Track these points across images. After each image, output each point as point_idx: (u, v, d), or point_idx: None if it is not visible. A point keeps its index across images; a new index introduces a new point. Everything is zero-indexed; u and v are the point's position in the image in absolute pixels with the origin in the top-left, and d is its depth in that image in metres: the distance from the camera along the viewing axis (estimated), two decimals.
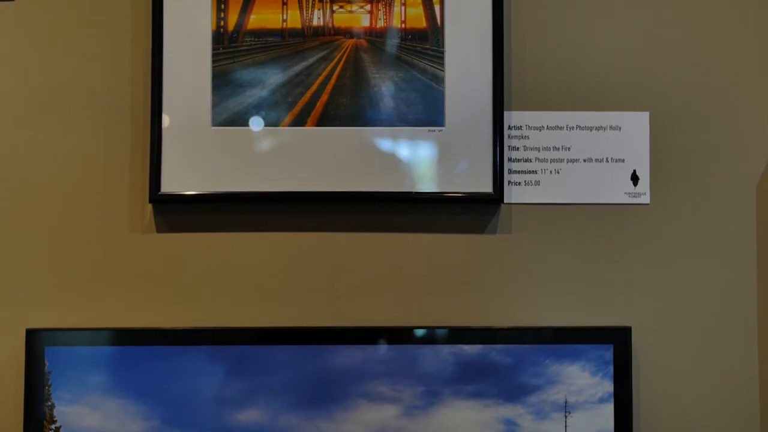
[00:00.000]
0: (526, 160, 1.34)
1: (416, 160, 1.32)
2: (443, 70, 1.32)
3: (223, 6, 1.31)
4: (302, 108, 1.31)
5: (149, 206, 1.31)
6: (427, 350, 1.27)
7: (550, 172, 1.33)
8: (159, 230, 1.32)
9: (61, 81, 1.32)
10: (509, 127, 1.33)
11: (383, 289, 1.32)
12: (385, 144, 1.31)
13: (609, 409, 1.27)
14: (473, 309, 1.32)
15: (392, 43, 1.33)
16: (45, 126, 1.32)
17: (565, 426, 1.27)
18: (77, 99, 1.32)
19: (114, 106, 1.32)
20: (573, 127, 1.34)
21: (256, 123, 1.31)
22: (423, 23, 1.33)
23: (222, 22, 1.32)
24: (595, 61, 1.34)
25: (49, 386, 1.24)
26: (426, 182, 1.32)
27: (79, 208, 1.31)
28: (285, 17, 1.33)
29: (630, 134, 1.34)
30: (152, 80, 1.30)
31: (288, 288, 1.32)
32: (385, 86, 1.32)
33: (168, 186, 1.30)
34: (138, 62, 1.32)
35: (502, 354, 1.28)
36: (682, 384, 1.32)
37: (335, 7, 1.33)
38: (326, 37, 1.33)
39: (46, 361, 1.25)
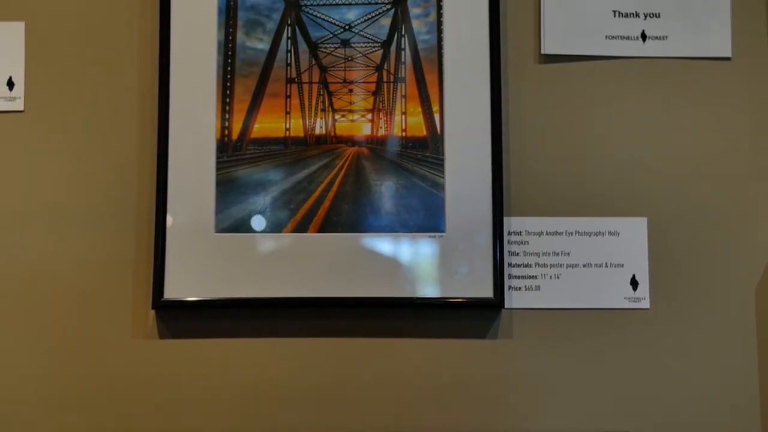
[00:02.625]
0: (526, 266, 1.35)
1: (417, 265, 1.33)
2: (443, 177, 1.34)
3: (227, 115, 1.34)
4: (304, 214, 1.33)
5: (152, 312, 1.32)
6: None
7: (550, 277, 1.35)
8: (161, 336, 1.33)
9: (66, 186, 1.34)
10: (509, 233, 1.35)
11: (383, 395, 1.32)
12: (387, 250, 1.33)
13: None
14: (474, 415, 1.31)
15: (393, 151, 1.35)
16: (48, 231, 1.34)
17: None
18: (81, 204, 1.34)
19: (118, 212, 1.34)
20: (572, 233, 1.35)
21: (259, 229, 1.32)
22: (423, 131, 1.35)
23: (226, 131, 1.35)
24: (592, 168, 1.36)
25: None
26: (427, 287, 1.33)
27: (81, 314, 1.32)
28: (288, 126, 1.35)
29: (628, 239, 1.35)
30: (157, 187, 1.32)
31: (288, 394, 1.32)
32: (386, 193, 1.34)
33: (171, 292, 1.31)
34: (143, 169, 1.34)
35: None
36: None
37: (337, 116, 1.36)
38: (328, 145, 1.36)
39: None
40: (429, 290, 1.32)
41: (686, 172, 1.36)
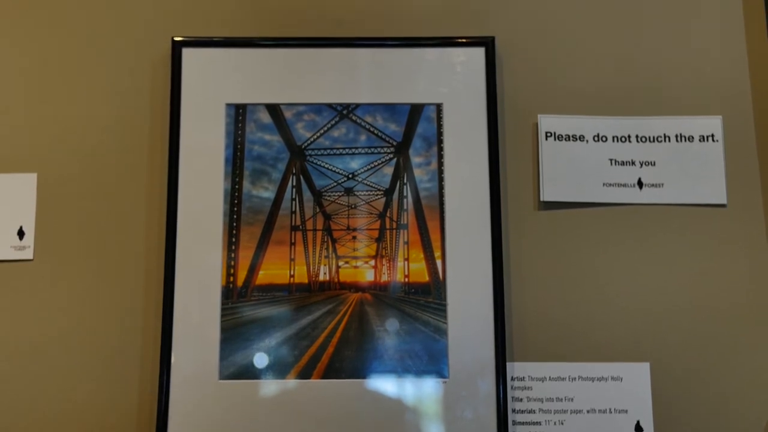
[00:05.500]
0: (530, 411, 1.35)
1: (421, 411, 1.33)
2: (446, 322, 1.35)
3: (233, 262, 1.37)
4: (308, 361, 1.34)
5: None
6: None
7: (554, 423, 1.34)
8: None
9: (72, 333, 1.36)
10: (512, 378, 1.35)
11: None
12: (391, 396, 1.33)
13: None
14: None
15: (396, 297, 1.37)
16: (54, 377, 1.34)
17: None
18: (86, 350, 1.35)
19: (123, 359, 1.35)
20: (575, 378, 1.35)
21: (263, 376, 1.33)
22: (426, 277, 1.37)
23: (231, 278, 1.36)
24: (593, 313, 1.37)
25: None
26: None
27: None
28: (292, 272, 1.38)
29: (632, 385, 1.35)
30: (162, 334, 1.33)
31: None
32: (389, 339, 1.35)
33: None
34: (149, 315, 1.36)
35: None
36: None
37: (341, 263, 1.38)
38: (332, 291, 1.37)
39: None
40: None
41: (686, 316, 1.37)
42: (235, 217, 1.38)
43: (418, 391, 1.33)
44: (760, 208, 1.40)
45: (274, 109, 1.41)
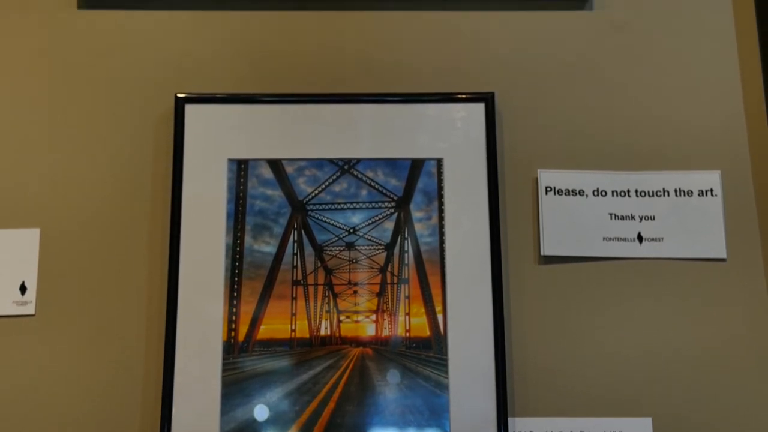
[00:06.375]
0: None
1: None
2: (447, 377, 1.35)
3: (234, 317, 1.37)
4: (309, 416, 1.34)
5: None
6: None
7: None
8: None
9: (73, 389, 1.35)
10: None
11: None
12: None
13: None
14: None
15: (397, 352, 1.37)
16: (54, 426, 1.34)
17: None
18: (86, 407, 1.35)
19: (124, 417, 1.34)
20: None
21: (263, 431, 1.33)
22: (427, 332, 1.37)
23: (233, 333, 1.37)
24: (594, 368, 1.37)
25: None
26: None
27: None
28: (293, 327, 1.38)
29: None
30: (163, 391, 1.33)
31: None
32: (390, 394, 1.35)
33: None
34: (150, 372, 1.36)
35: None
36: None
37: (342, 317, 1.39)
38: (333, 346, 1.38)
39: None
40: None
41: (687, 370, 1.37)
42: (236, 271, 1.38)
43: None
44: (760, 262, 1.41)
45: (275, 165, 1.42)
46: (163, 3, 1.49)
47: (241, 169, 1.41)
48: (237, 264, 1.39)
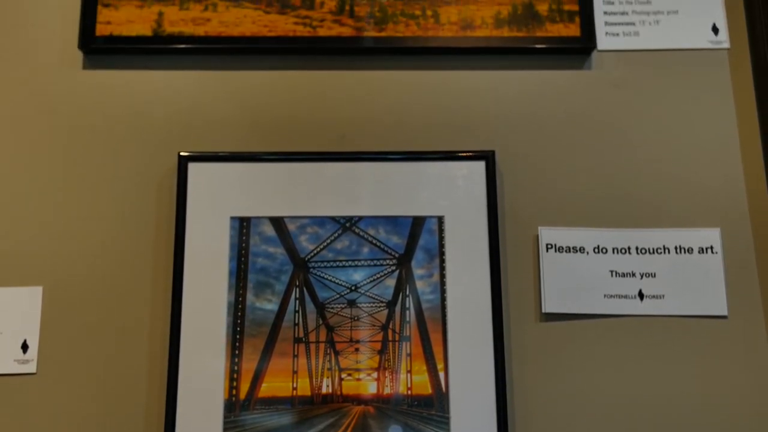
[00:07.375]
0: None
1: None
2: None
3: (235, 375, 1.37)
4: None
5: None
6: None
7: None
8: None
9: None
10: None
11: None
12: None
13: None
14: None
15: (398, 410, 1.36)
16: None
17: None
18: None
19: None
20: None
21: None
22: (428, 390, 1.37)
23: (234, 391, 1.36)
24: (597, 424, 1.37)
25: None
26: None
27: None
28: (295, 385, 1.38)
29: None
30: None
31: None
32: None
33: None
34: (150, 430, 1.35)
35: None
36: None
37: (344, 375, 1.39)
38: (335, 403, 1.37)
39: None
40: None
41: (689, 427, 1.37)
42: (238, 329, 1.39)
43: None
44: (761, 319, 1.41)
45: (278, 222, 1.43)
46: (166, 63, 1.51)
47: (243, 226, 1.42)
48: (239, 321, 1.39)
